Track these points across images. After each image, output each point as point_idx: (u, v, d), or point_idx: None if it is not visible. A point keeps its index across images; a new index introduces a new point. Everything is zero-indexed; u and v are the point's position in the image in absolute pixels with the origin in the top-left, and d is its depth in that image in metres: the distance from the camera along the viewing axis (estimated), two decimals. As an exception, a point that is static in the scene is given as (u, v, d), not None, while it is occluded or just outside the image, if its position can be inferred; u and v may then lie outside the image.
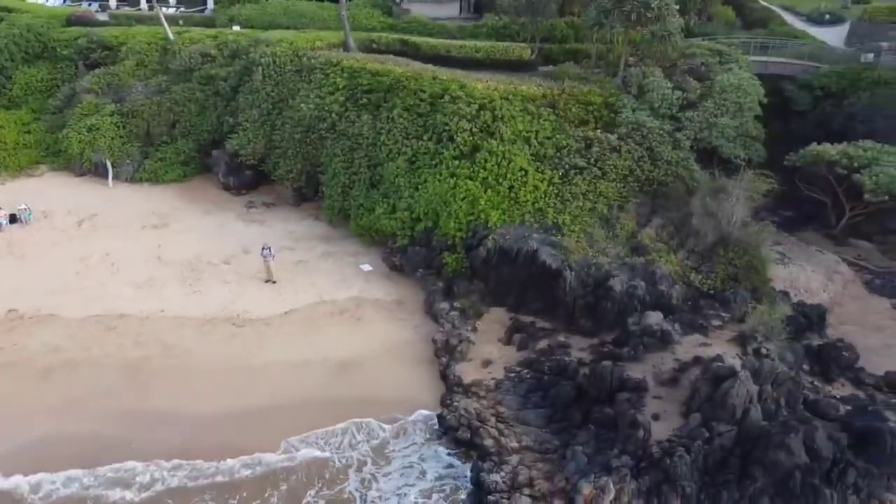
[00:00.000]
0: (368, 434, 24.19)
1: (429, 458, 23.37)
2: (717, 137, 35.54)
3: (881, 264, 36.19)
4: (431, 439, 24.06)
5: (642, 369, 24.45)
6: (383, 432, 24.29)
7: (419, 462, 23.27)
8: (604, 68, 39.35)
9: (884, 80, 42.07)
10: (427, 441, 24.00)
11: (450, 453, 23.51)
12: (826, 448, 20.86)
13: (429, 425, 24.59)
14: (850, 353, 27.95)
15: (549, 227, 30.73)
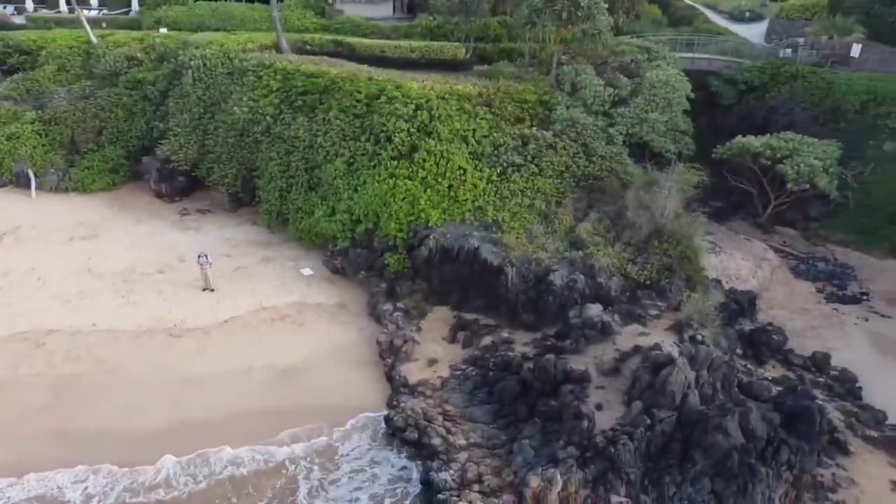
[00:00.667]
0: (316, 441, 23.81)
1: (379, 462, 23.18)
2: (648, 132, 36.56)
3: (805, 250, 37.93)
4: (380, 442, 23.92)
5: (584, 361, 24.88)
6: (330, 438, 23.99)
7: (369, 466, 23.08)
8: (537, 67, 39.95)
9: (801, 74, 44.08)
10: (376, 444, 23.83)
11: (400, 455, 23.42)
12: (760, 428, 21.65)
13: (376, 428, 24.44)
14: (780, 336, 29.21)
15: (489, 224, 30.98)
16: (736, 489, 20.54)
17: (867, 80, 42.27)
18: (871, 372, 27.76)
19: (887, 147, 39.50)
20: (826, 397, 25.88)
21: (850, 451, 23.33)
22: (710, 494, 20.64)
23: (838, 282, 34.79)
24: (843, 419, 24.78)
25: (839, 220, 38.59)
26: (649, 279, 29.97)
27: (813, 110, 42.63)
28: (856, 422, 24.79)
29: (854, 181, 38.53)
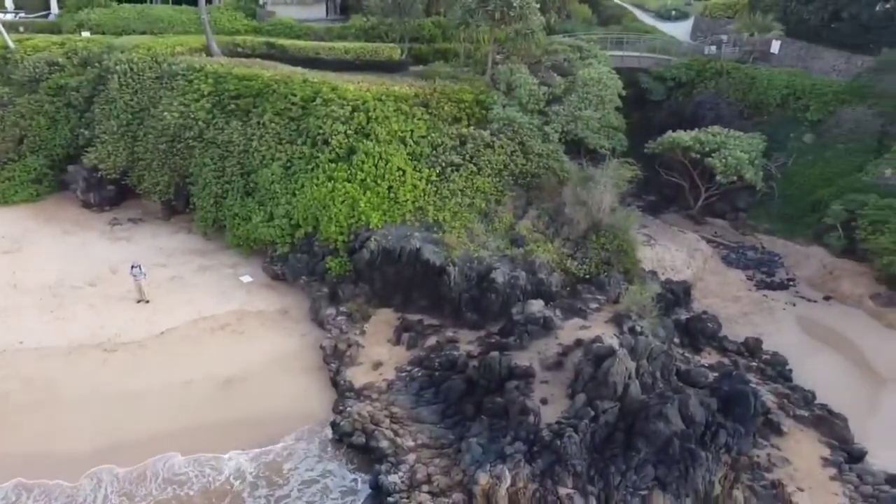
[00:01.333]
0: (262, 453, 23.31)
1: (330, 473, 22.77)
2: (582, 129, 37.25)
3: (734, 240, 39.40)
4: (330, 453, 23.51)
5: (528, 356, 25.18)
6: (277, 449, 23.48)
7: (321, 477, 22.61)
8: (473, 66, 40.23)
9: (725, 71, 45.79)
10: (326, 455, 23.39)
11: (351, 467, 23.09)
12: (699, 414, 22.35)
13: (324, 435, 24.12)
14: (714, 323, 30.24)
15: (430, 224, 31.02)
16: (678, 474, 21.13)
17: (787, 76, 44.20)
18: (800, 354, 29.09)
19: (807, 139, 41.41)
20: (759, 380, 26.95)
21: (783, 431, 24.34)
22: (654, 481, 21.15)
23: (767, 269, 36.27)
24: (775, 401, 25.84)
25: (765, 209, 40.25)
26: (588, 273, 30.57)
27: (737, 105, 44.42)
28: (787, 403, 25.89)
29: (778, 172, 40.25)
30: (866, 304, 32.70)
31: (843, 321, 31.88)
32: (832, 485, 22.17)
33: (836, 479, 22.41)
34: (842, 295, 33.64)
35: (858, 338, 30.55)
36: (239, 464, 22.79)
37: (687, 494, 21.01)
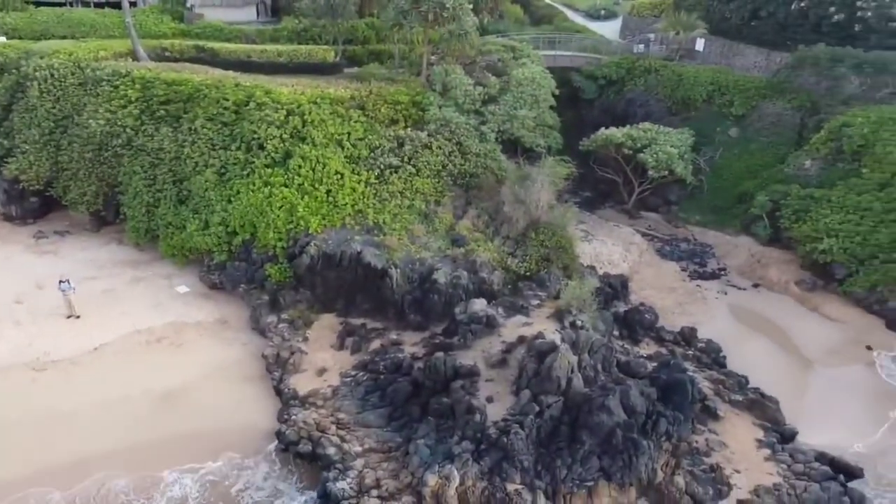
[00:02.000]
0: (205, 472, 22.60)
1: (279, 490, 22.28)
2: (518, 128, 37.73)
3: (667, 232, 40.61)
4: (274, 462, 23.13)
5: (473, 355, 25.35)
6: (220, 465, 22.82)
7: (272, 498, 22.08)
8: (408, 68, 40.19)
9: (654, 68, 47.14)
10: (275, 473, 22.84)
11: (296, 472, 22.75)
12: (640, 404, 22.95)
13: (269, 446, 23.67)
14: (651, 314, 31.11)
15: (370, 227, 30.87)
16: (622, 464, 21.66)
17: (712, 72, 45.85)
18: (733, 340, 30.20)
19: (732, 133, 43.03)
20: (695, 368, 27.84)
21: (719, 416, 25.22)
22: (599, 472, 21.63)
23: (699, 260, 37.53)
24: (711, 387, 26.75)
25: (696, 202, 41.66)
26: (529, 270, 31.00)
27: (666, 101, 45.81)
28: (722, 388, 26.83)
29: (706, 166, 41.73)
30: (792, 289, 34.22)
31: (771, 307, 33.28)
32: (767, 465, 23.09)
33: (770, 460, 23.35)
34: (769, 282, 35.10)
35: (786, 322, 31.93)
36: (182, 483, 22.13)
37: (631, 483, 21.57)
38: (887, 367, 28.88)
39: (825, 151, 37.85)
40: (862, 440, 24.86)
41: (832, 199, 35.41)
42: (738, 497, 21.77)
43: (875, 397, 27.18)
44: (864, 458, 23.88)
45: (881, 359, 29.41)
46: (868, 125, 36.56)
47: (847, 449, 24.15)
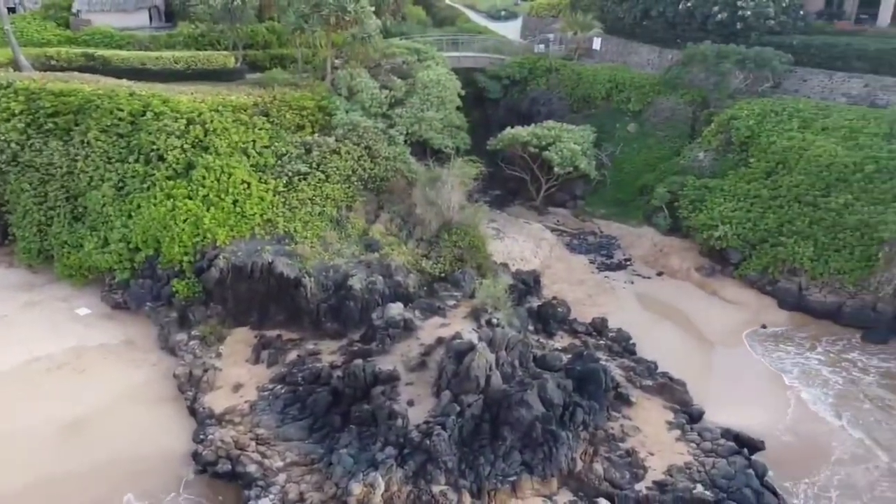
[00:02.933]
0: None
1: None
2: (426, 130, 38.03)
3: (575, 227, 41.90)
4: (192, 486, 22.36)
5: (392, 360, 25.37)
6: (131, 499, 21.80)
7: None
8: (312, 72, 39.67)
9: (555, 68, 48.51)
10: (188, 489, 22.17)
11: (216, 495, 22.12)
12: (557, 396, 23.65)
13: (185, 469, 22.84)
14: (564, 308, 31.98)
15: (281, 237, 30.29)
16: (542, 456, 22.24)
17: (609, 70, 47.60)
18: (641, 328, 31.44)
19: (630, 128, 44.83)
20: (608, 357, 28.83)
21: (632, 401, 26.19)
22: (521, 466, 22.12)
23: (606, 252, 38.93)
24: (623, 374, 27.76)
25: (600, 196, 43.18)
26: (443, 271, 31.27)
27: (567, 99, 47.27)
28: (634, 375, 27.89)
29: (608, 161, 43.28)
30: (693, 275, 36.03)
31: (674, 294, 34.92)
32: (678, 445, 24.20)
33: (680, 440, 24.46)
34: (672, 270, 36.82)
35: (688, 307, 33.57)
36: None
37: (552, 474, 22.17)
38: (755, 348, 30.46)
39: (716, 143, 40.02)
40: (761, 414, 26.42)
41: (724, 189, 37.49)
42: (653, 478, 22.67)
43: (768, 374, 28.95)
44: (764, 431, 25.39)
45: (748, 339, 30.96)
46: (753, 117, 38.90)
47: (749, 423, 25.62)
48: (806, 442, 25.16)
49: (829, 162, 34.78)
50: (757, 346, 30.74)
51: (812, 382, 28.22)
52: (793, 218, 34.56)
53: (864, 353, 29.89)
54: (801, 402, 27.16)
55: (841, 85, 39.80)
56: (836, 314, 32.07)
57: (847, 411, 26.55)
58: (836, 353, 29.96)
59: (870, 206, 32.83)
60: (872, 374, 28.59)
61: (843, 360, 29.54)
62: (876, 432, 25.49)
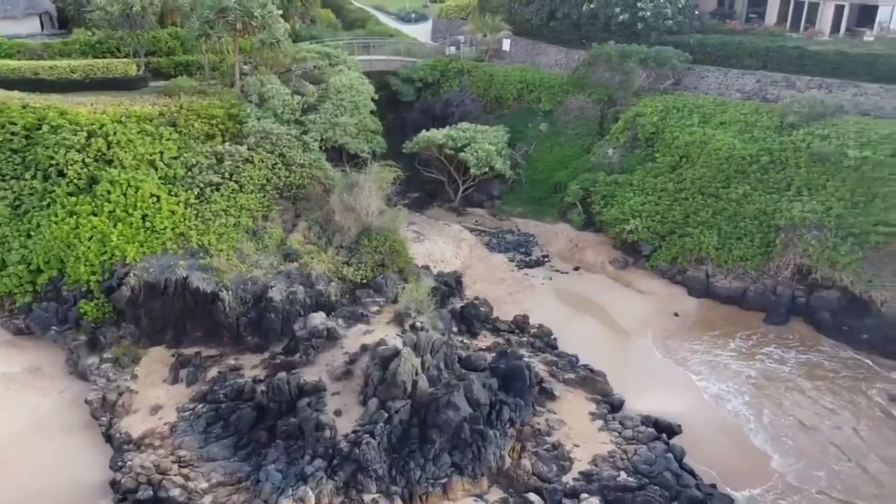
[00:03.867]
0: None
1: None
2: (341, 136, 37.75)
3: (493, 226, 42.54)
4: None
5: (317, 371, 25.10)
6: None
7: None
8: (220, 79, 38.63)
9: (466, 69, 49.11)
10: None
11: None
12: (483, 396, 24.00)
13: (104, 500, 21.85)
14: (486, 307, 32.47)
15: (194, 250, 29.38)
16: (472, 456, 22.56)
17: (519, 71, 48.55)
18: (561, 323, 32.28)
19: (542, 127, 45.87)
20: (530, 353, 29.44)
21: (556, 395, 26.86)
22: (452, 467, 22.36)
23: (524, 250, 39.71)
24: (546, 369, 28.42)
25: (516, 195, 44.01)
26: (365, 278, 31.13)
27: (480, 101, 47.97)
28: (556, 369, 28.60)
29: (522, 160, 44.14)
30: (608, 269, 37.27)
31: (591, 287, 36.00)
32: (601, 435, 25.00)
33: (603, 430, 25.27)
34: (587, 264, 37.95)
35: (605, 300, 34.68)
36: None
37: (482, 473, 22.52)
38: (658, 346, 31.38)
39: (624, 140, 41.50)
40: (676, 398, 27.62)
41: (633, 183, 38.94)
42: (579, 469, 23.34)
43: (679, 360, 30.26)
44: (680, 413, 26.57)
45: (649, 338, 31.71)
46: (656, 114, 40.57)
47: (666, 409, 26.74)
48: (716, 423, 26.46)
49: (727, 155, 36.69)
50: (669, 334, 32.07)
51: (718, 366, 29.63)
52: (697, 209, 36.29)
53: (767, 340, 31.42)
54: (710, 385, 28.50)
55: (735, 81, 42.00)
56: (741, 299, 33.87)
57: (750, 394, 27.92)
58: (742, 339, 31.52)
59: (766, 195, 34.86)
60: (775, 358, 30.12)
61: (748, 345, 31.08)
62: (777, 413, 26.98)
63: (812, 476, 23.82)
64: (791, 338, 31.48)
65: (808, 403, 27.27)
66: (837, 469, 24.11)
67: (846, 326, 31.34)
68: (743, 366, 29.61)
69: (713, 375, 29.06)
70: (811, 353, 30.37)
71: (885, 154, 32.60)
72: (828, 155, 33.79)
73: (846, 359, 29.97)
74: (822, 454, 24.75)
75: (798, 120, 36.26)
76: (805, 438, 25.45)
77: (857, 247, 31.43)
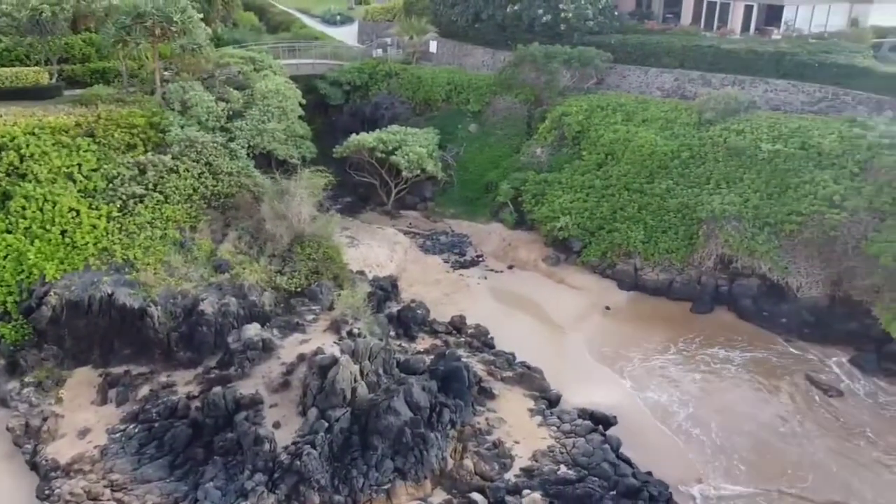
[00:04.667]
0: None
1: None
2: (269, 142, 37.14)
3: (427, 228, 42.73)
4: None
5: (254, 383, 24.68)
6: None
7: None
8: (139, 86, 37.35)
9: (394, 72, 49.11)
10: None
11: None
12: (423, 399, 24.11)
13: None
14: (423, 309, 32.60)
15: (119, 265, 28.38)
16: (414, 460, 22.61)
17: (447, 73, 48.89)
18: (497, 321, 32.71)
19: (472, 128, 46.35)
20: (468, 354, 29.72)
21: (495, 394, 27.20)
22: (395, 472, 22.35)
23: (458, 250, 40.07)
24: (484, 369, 28.74)
25: (448, 196, 44.32)
26: (300, 286, 30.75)
27: (409, 103, 48.09)
28: (494, 368, 28.95)
29: (453, 161, 44.46)
30: (540, 266, 37.99)
31: (525, 285, 36.63)
32: (540, 430, 25.48)
33: (542, 425, 25.76)
34: (521, 262, 38.59)
35: (539, 297, 35.35)
36: None
37: (425, 476, 22.62)
38: (591, 339, 32.21)
39: (551, 139, 42.35)
40: (610, 390, 28.45)
41: (562, 181, 39.81)
42: (520, 465, 23.73)
43: (612, 352, 31.14)
44: (615, 405, 27.38)
45: (582, 332, 32.54)
46: (582, 113, 41.57)
47: (601, 401, 27.49)
48: (646, 412, 27.35)
49: (650, 151, 37.95)
50: (601, 327, 32.99)
51: (648, 359, 30.64)
52: (624, 205, 37.41)
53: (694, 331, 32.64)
54: (641, 375, 29.50)
55: (655, 79, 43.49)
56: (668, 290, 35.13)
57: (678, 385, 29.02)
58: (669, 329, 32.68)
59: (688, 189, 36.26)
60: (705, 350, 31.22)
61: (675, 336, 32.17)
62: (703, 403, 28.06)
63: (734, 464, 24.74)
64: (716, 327, 32.82)
65: (732, 390, 28.48)
66: (761, 456, 25.22)
67: (766, 312, 32.95)
68: (671, 357, 30.71)
69: (643, 366, 30.02)
70: (736, 341, 31.71)
71: (794, 147, 34.37)
72: (743, 149, 35.40)
73: (769, 344, 31.46)
74: (744, 439, 25.84)
75: (715, 116, 37.85)
76: (728, 424, 26.47)
77: (773, 236, 33.11)
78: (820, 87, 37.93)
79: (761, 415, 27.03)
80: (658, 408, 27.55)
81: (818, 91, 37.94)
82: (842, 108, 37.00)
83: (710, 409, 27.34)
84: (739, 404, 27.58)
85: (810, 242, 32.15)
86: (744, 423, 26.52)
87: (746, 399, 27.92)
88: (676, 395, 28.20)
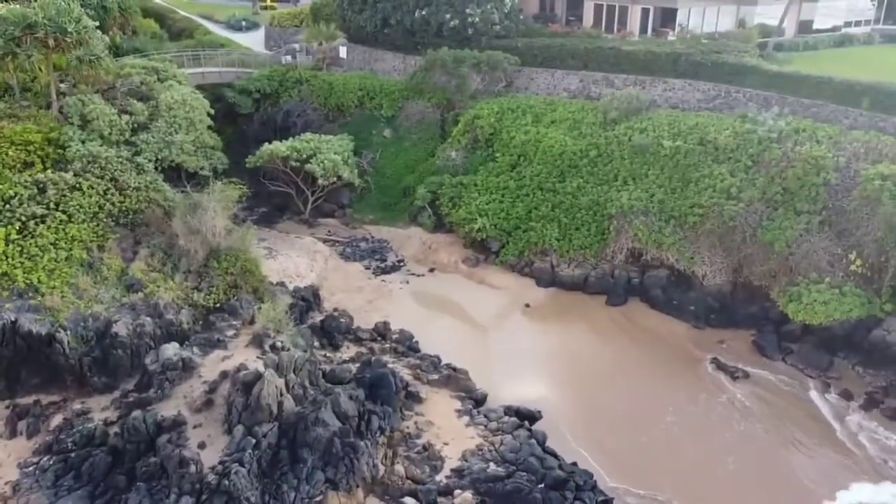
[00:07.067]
0: None
1: None
2: (178, 154, 36.05)
3: (346, 235, 42.59)
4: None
5: (175, 404, 24.00)
6: None
7: None
8: (33, 100, 35.39)
9: (304, 79, 48.66)
10: None
11: None
12: (351, 408, 24.15)
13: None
14: (346, 318, 32.55)
15: (22, 290, 26.85)
16: (345, 470, 22.60)
17: (359, 79, 48.82)
18: (421, 325, 33.02)
19: (386, 133, 46.51)
20: (394, 359, 29.93)
21: (422, 398, 27.52)
22: (326, 484, 22.27)
23: (379, 256, 40.12)
24: (410, 373, 29.01)
25: (366, 202, 44.32)
26: (218, 301, 30.07)
27: (322, 110, 47.74)
28: (420, 371, 29.27)
29: (369, 167, 44.50)
30: (461, 268, 38.59)
31: (446, 287, 37.09)
32: (468, 430, 25.99)
33: (470, 425, 26.29)
34: (441, 265, 39.06)
35: (461, 298, 35.88)
36: None
37: (357, 485, 22.65)
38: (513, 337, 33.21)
39: (465, 142, 43.05)
40: (534, 386, 29.30)
41: (477, 184, 40.54)
42: (451, 466, 24.16)
43: (534, 349, 32.10)
44: (539, 400, 28.22)
45: (504, 330, 33.59)
46: (493, 115, 42.45)
47: (527, 397, 28.26)
48: (569, 405, 28.40)
49: (560, 151, 39.22)
50: (523, 325, 33.90)
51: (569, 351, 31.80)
52: (538, 204, 38.49)
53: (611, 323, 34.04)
54: (562, 370, 30.53)
55: (561, 81, 44.91)
56: (584, 285, 36.40)
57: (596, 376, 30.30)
58: (588, 323, 33.99)
59: (597, 186, 37.71)
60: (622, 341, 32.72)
61: (593, 328, 33.57)
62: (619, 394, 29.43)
63: (645, 456, 25.80)
64: (630, 317, 34.32)
65: (646, 380, 29.85)
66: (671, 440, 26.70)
67: (675, 301, 34.71)
68: (594, 349, 31.90)
69: (565, 359, 31.07)
70: (648, 330, 33.26)
71: (693, 143, 36.34)
72: (647, 146, 37.13)
73: (679, 331, 33.15)
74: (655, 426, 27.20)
75: (619, 115, 39.51)
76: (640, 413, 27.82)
77: (678, 228, 34.92)
78: (714, 86, 40.27)
79: (672, 399, 28.48)
80: (579, 402, 28.55)
81: (712, 89, 40.27)
82: (734, 105, 39.42)
83: (625, 396, 28.59)
84: (652, 391, 28.97)
85: (712, 233, 34.08)
86: (656, 411, 27.86)
87: (658, 386, 29.35)
88: (596, 386, 29.31)
